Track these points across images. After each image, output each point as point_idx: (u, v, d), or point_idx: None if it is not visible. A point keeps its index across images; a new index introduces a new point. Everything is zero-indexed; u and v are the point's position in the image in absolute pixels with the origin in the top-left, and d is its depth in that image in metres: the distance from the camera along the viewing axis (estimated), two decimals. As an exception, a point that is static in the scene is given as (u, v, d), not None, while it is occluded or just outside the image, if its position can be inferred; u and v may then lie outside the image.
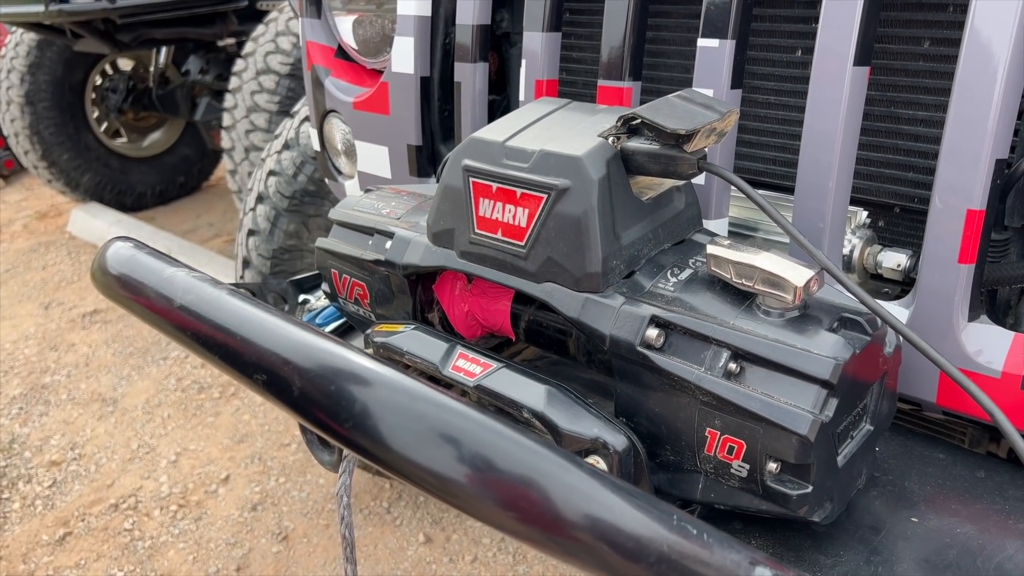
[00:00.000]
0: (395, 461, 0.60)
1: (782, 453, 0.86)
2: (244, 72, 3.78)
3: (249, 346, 0.67)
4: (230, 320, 0.70)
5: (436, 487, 0.60)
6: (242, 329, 0.69)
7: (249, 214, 2.53)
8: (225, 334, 0.69)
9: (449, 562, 2.58)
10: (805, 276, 0.87)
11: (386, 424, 0.60)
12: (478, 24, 1.47)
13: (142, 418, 3.46)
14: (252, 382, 0.68)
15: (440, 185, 1.11)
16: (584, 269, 0.97)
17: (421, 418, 0.60)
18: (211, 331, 0.71)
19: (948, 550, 0.92)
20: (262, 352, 0.67)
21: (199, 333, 0.72)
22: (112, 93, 5.78)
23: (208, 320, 0.72)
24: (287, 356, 0.65)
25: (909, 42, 1.10)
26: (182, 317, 0.74)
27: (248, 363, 0.68)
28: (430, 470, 0.59)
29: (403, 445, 0.59)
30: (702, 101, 0.99)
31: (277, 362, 0.65)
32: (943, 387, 1.05)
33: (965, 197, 0.97)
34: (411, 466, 0.60)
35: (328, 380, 0.63)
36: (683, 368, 0.90)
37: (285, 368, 0.65)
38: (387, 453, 0.60)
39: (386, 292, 1.25)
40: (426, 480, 0.60)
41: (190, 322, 0.73)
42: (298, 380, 0.64)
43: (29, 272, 5.12)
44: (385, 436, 0.60)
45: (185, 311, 0.74)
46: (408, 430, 0.60)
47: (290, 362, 0.65)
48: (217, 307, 0.72)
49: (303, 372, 0.64)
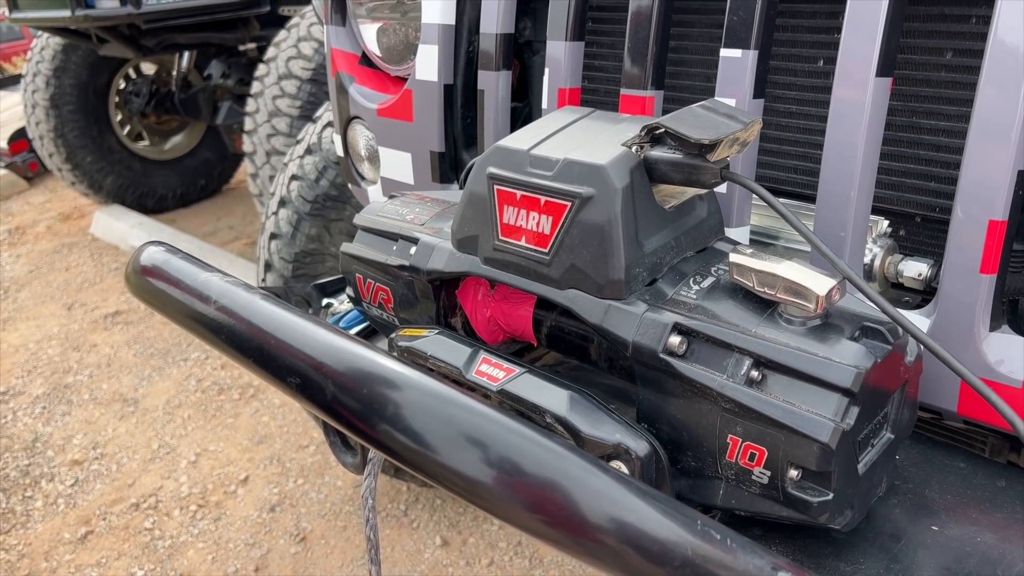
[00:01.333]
0: (427, 464, 0.61)
1: (803, 460, 0.86)
2: (266, 77, 3.82)
3: (283, 349, 0.69)
4: (265, 323, 0.71)
5: (466, 489, 0.61)
6: (276, 333, 0.71)
7: (271, 218, 2.56)
8: (260, 337, 0.71)
9: (466, 565, 2.59)
10: (827, 285, 0.88)
11: (418, 428, 0.61)
12: (502, 33, 1.49)
13: (163, 418, 3.50)
14: (286, 385, 0.69)
15: (465, 192, 1.13)
16: (607, 276, 0.99)
17: (452, 422, 0.61)
18: (246, 334, 0.73)
19: (968, 559, 0.92)
20: (296, 355, 0.68)
21: (234, 336, 0.74)
22: (135, 97, 5.86)
23: (243, 323, 0.73)
24: (321, 360, 0.67)
25: (931, 53, 1.11)
26: (217, 320, 0.76)
27: (282, 366, 0.69)
28: (460, 473, 0.61)
29: (435, 448, 0.61)
30: (725, 111, 1.00)
31: (311, 365, 0.67)
32: (964, 396, 1.05)
33: (987, 207, 0.98)
34: (442, 469, 0.61)
35: (361, 384, 0.65)
36: (706, 375, 0.91)
37: (319, 372, 0.67)
38: (419, 456, 0.61)
39: (410, 297, 1.27)
40: (456, 483, 0.61)
41: (225, 325, 0.75)
42: (332, 384, 0.66)
43: (52, 273, 5.20)
44: (417, 439, 0.61)
45: (220, 315, 0.76)
46: (440, 434, 0.61)
47: (324, 366, 0.67)
48: (252, 311, 0.74)
49: (337, 376, 0.66)
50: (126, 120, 5.90)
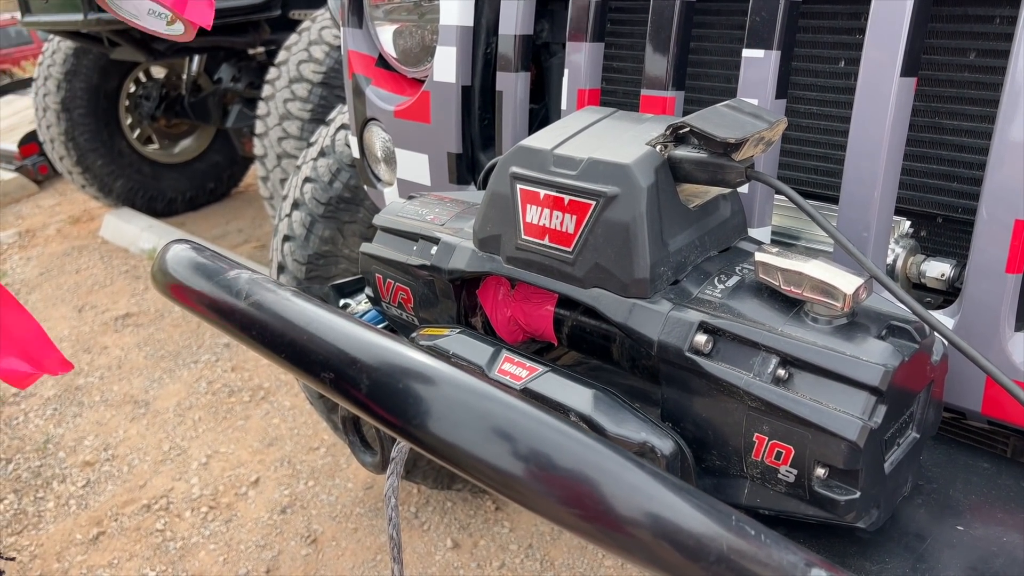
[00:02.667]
0: (462, 458, 0.62)
1: (831, 458, 0.86)
2: (277, 80, 3.84)
3: (317, 345, 0.69)
4: (297, 319, 0.72)
5: (502, 484, 0.61)
6: (309, 328, 0.71)
7: (284, 220, 2.56)
8: (292, 333, 0.71)
9: (477, 568, 2.59)
10: (855, 284, 0.88)
11: (455, 422, 0.62)
12: (520, 34, 1.49)
13: (173, 420, 3.50)
14: (319, 381, 0.70)
15: (487, 192, 1.13)
16: (632, 275, 0.99)
17: (488, 416, 0.62)
18: (278, 330, 0.73)
19: (994, 559, 0.92)
20: (330, 351, 0.69)
21: (266, 332, 0.74)
22: (145, 100, 5.88)
23: (275, 320, 0.74)
24: (355, 355, 0.67)
25: (955, 53, 1.11)
26: (248, 317, 0.77)
27: (315, 362, 0.69)
28: (496, 467, 0.61)
29: (472, 443, 0.61)
30: (750, 111, 1.00)
31: (345, 361, 0.67)
32: (989, 396, 1.05)
33: (1013, 207, 0.97)
34: (478, 463, 0.61)
35: (396, 379, 0.65)
36: (732, 374, 0.91)
37: (353, 367, 0.67)
38: (455, 451, 0.62)
39: (430, 296, 1.27)
40: (493, 477, 0.61)
41: (256, 322, 0.75)
42: (366, 379, 0.66)
43: (63, 276, 5.21)
44: (454, 434, 0.61)
45: (252, 310, 0.76)
46: (475, 428, 0.61)
47: (358, 361, 0.67)
48: (284, 307, 0.74)
49: (371, 371, 0.66)
50: (136, 124, 5.93)
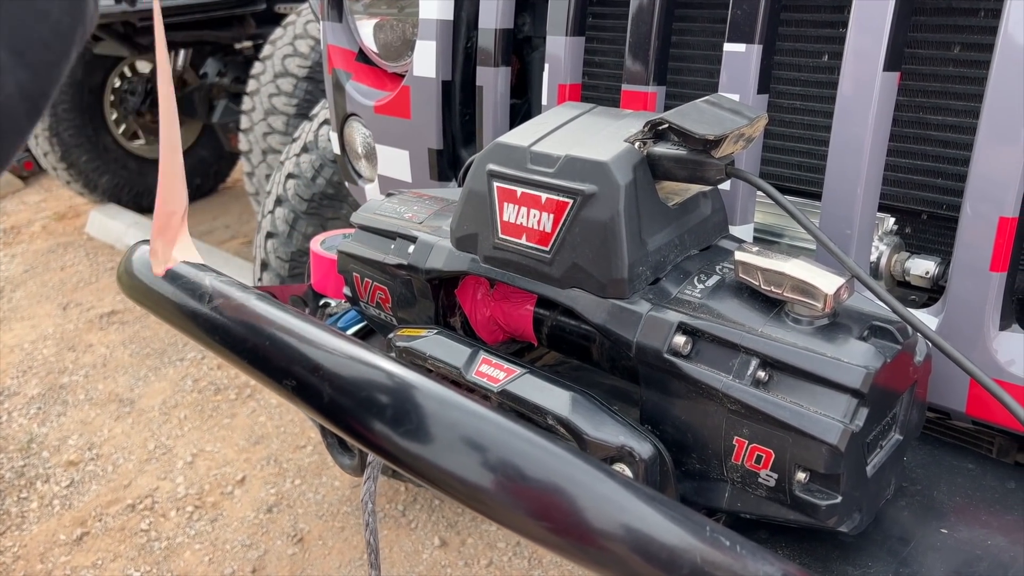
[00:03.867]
0: (427, 469, 0.59)
1: (811, 463, 0.85)
2: (262, 75, 3.79)
3: (278, 351, 0.67)
4: (260, 325, 0.69)
5: (468, 496, 0.59)
6: (271, 334, 0.69)
7: (267, 217, 2.54)
8: (254, 339, 0.69)
9: (464, 566, 2.57)
10: (836, 284, 0.86)
11: (418, 432, 0.59)
12: (501, 28, 1.47)
13: (159, 419, 3.47)
14: (282, 387, 0.67)
15: (464, 190, 1.11)
16: (610, 275, 0.97)
17: (453, 426, 0.59)
18: (240, 335, 0.71)
19: (978, 562, 0.91)
20: (291, 357, 0.66)
21: (228, 337, 0.72)
22: (130, 95, 5.82)
23: (237, 324, 0.71)
24: (317, 362, 0.65)
25: (939, 47, 1.09)
26: (211, 321, 0.74)
27: (277, 368, 0.67)
28: (462, 479, 0.59)
29: (435, 454, 0.59)
30: (730, 106, 0.98)
31: (307, 368, 0.65)
32: (973, 396, 1.03)
33: (997, 204, 0.96)
34: (443, 474, 0.59)
35: (358, 386, 0.63)
36: (711, 376, 0.89)
37: (315, 374, 0.65)
38: (419, 462, 0.59)
39: (408, 296, 1.25)
40: (458, 489, 0.59)
41: (219, 326, 0.73)
42: (328, 386, 0.64)
43: (47, 273, 5.16)
44: (417, 444, 0.59)
45: (214, 315, 0.74)
46: (440, 438, 0.59)
47: (320, 368, 0.65)
48: (246, 311, 0.72)
49: (333, 378, 0.64)
50: (121, 119, 5.86)
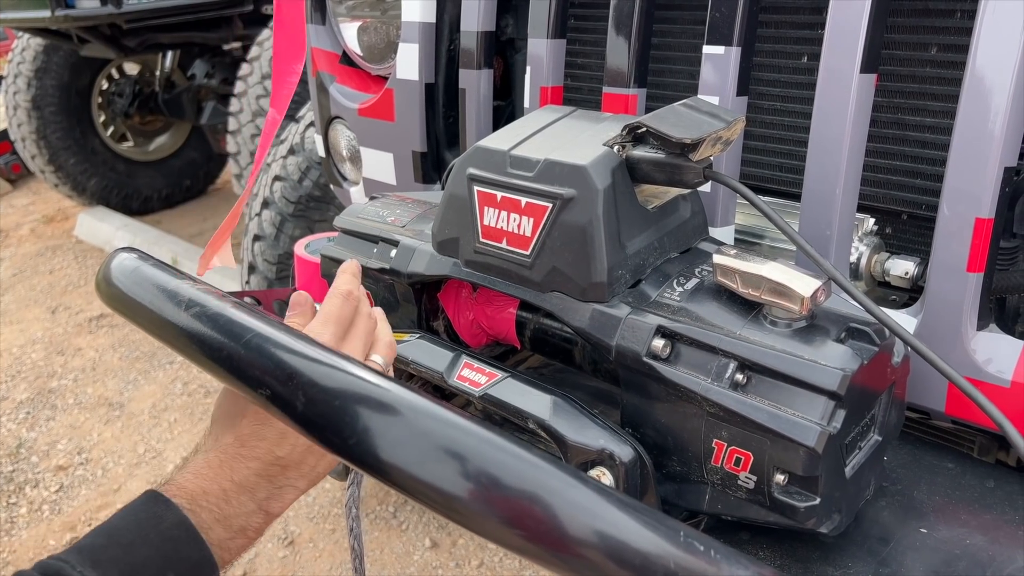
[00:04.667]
0: (399, 478, 0.59)
1: (790, 465, 0.85)
2: (249, 76, 3.78)
3: (253, 360, 0.67)
4: (234, 333, 0.69)
5: (440, 504, 0.59)
6: (246, 343, 0.68)
7: (255, 219, 2.53)
8: (230, 348, 0.69)
9: (455, 567, 2.57)
10: (812, 286, 0.86)
11: (390, 441, 0.59)
12: (483, 31, 1.47)
13: (149, 422, 3.46)
14: (257, 395, 0.67)
15: (444, 194, 1.11)
16: (590, 279, 0.97)
17: (426, 435, 0.59)
18: (215, 344, 0.71)
19: (958, 561, 0.91)
20: (266, 366, 0.66)
21: (203, 346, 0.72)
22: (118, 97, 5.79)
23: (212, 333, 0.71)
24: (291, 371, 0.65)
25: (916, 48, 1.09)
26: (187, 330, 0.74)
27: (252, 377, 0.67)
28: (434, 487, 0.59)
29: (407, 462, 0.59)
30: (708, 109, 0.98)
31: (281, 377, 0.65)
32: (952, 396, 1.04)
33: (973, 205, 0.96)
34: (415, 483, 0.59)
35: (332, 395, 0.63)
36: (690, 379, 0.90)
37: (289, 383, 0.64)
38: (390, 470, 0.59)
39: (391, 300, 1.25)
40: (430, 497, 0.59)
41: (194, 335, 0.73)
42: (302, 395, 0.64)
43: (36, 276, 5.14)
44: (391, 454, 0.59)
45: (191, 323, 0.73)
46: (412, 447, 0.59)
47: (294, 377, 0.65)
48: (221, 320, 0.71)
49: (307, 387, 0.64)
50: (109, 121, 5.83)
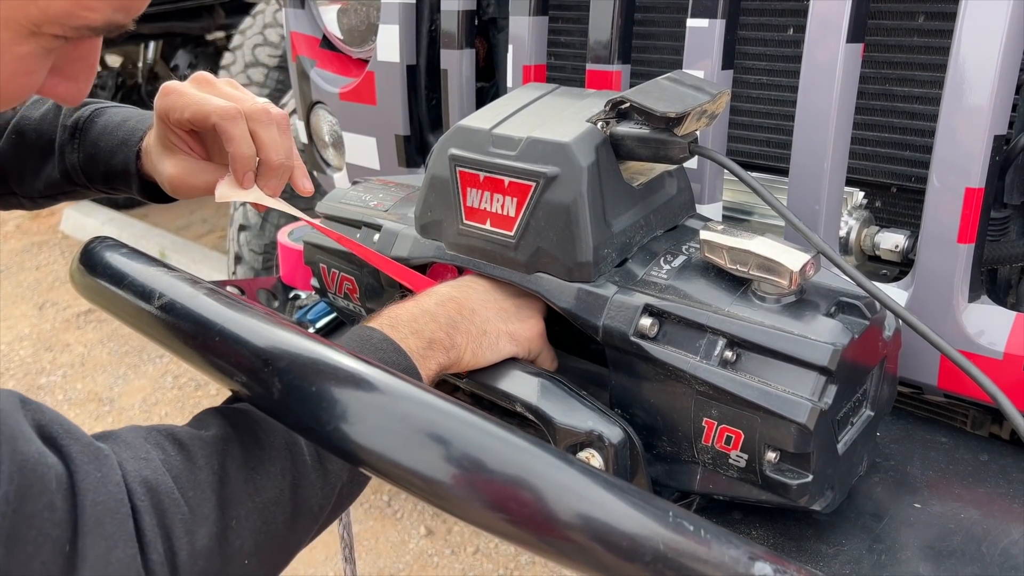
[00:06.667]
0: (380, 464, 0.58)
1: (781, 442, 0.84)
2: (232, 66, 3.73)
3: (226, 347, 0.65)
4: (207, 320, 0.67)
5: (423, 490, 0.58)
6: (221, 330, 0.66)
7: (240, 209, 2.51)
8: (203, 335, 0.67)
9: (451, 554, 2.57)
10: (801, 260, 0.85)
11: (370, 426, 0.58)
12: (463, 10, 1.44)
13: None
14: (233, 383, 0.66)
15: (426, 175, 1.09)
16: (575, 258, 0.95)
17: (405, 418, 0.58)
18: (190, 333, 0.69)
19: (952, 536, 0.90)
20: (241, 354, 0.64)
21: (177, 334, 0.70)
22: (101, 90, 5.72)
23: (185, 321, 0.69)
24: (266, 357, 0.63)
25: (903, 17, 1.08)
26: (160, 318, 0.72)
27: (226, 365, 0.65)
28: (416, 472, 0.57)
29: (387, 447, 0.57)
30: (692, 83, 0.96)
31: (256, 364, 0.63)
32: (944, 370, 1.03)
33: (963, 175, 0.95)
34: (397, 469, 0.57)
35: (308, 381, 0.61)
36: (678, 357, 0.88)
37: (264, 371, 0.63)
38: (371, 456, 0.58)
39: (375, 286, 1.23)
40: (412, 483, 0.58)
41: (168, 323, 0.71)
42: (278, 382, 0.62)
43: (22, 273, 5.09)
44: (370, 439, 0.58)
45: (162, 312, 0.71)
46: (392, 432, 0.58)
47: (269, 363, 0.63)
48: (194, 307, 0.69)
49: (282, 373, 0.62)
50: (93, 114, 5.77)
